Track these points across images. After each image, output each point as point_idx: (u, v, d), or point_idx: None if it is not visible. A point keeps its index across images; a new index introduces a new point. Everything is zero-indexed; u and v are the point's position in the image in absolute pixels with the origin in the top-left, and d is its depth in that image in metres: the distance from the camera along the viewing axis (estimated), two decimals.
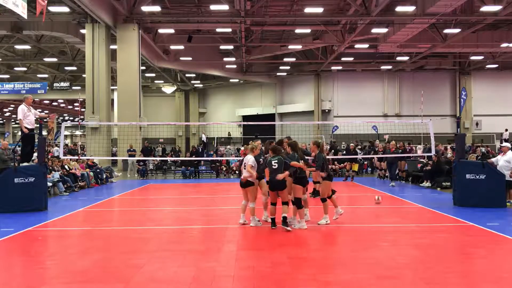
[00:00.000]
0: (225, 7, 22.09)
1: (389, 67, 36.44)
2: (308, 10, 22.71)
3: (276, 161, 8.83)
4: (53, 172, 15.56)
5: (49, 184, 14.17)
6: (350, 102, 37.96)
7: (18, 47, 31.96)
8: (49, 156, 18.23)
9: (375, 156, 20.39)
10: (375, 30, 25.46)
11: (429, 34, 26.84)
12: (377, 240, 8.13)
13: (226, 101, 46.53)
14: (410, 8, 21.41)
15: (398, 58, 33.21)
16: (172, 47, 31.57)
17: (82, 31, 25.49)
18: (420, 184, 17.32)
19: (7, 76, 42.11)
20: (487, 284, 5.82)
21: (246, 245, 7.75)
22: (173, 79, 44.44)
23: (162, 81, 45.03)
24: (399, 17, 23.04)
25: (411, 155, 19.70)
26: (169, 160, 24.65)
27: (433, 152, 15.15)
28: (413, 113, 36.07)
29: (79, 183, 17.16)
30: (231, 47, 32.14)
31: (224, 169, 23.23)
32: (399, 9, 21.53)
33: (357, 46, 29.36)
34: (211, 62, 36.26)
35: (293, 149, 9.19)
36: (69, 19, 25.10)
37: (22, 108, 12.12)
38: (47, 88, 35.72)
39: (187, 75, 43.27)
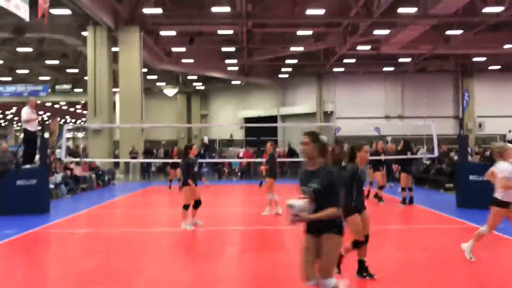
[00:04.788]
0: (226, 9, 22.09)
1: (391, 68, 36.36)
2: (309, 12, 22.67)
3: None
4: (55, 174, 15.58)
5: (51, 186, 14.19)
6: (352, 104, 37.86)
7: (20, 49, 32.02)
8: (52, 158, 18.22)
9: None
10: (377, 32, 25.38)
11: (431, 35, 26.76)
12: (380, 242, 8.09)
13: (228, 103, 46.47)
14: (412, 10, 21.34)
15: (400, 60, 33.16)
16: (174, 49, 31.57)
17: (84, 33, 25.52)
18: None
19: (9, 78, 42.19)
20: (490, 286, 5.77)
21: (248, 247, 7.72)
22: (175, 81, 44.45)
23: (164, 83, 45.05)
24: (401, 19, 23.00)
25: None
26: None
27: (435, 154, 15.05)
28: (415, 115, 36.03)
29: (81, 185, 17.17)
30: (232, 49, 32.13)
31: (226, 171, 23.21)
32: (401, 10, 21.45)
33: (359, 47, 29.30)
34: (213, 64, 36.26)
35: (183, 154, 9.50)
36: (70, 22, 25.14)
37: (25, 111, 12.18)
38: (49, 90, 35.74)
39: (189, 77, 43.26)
